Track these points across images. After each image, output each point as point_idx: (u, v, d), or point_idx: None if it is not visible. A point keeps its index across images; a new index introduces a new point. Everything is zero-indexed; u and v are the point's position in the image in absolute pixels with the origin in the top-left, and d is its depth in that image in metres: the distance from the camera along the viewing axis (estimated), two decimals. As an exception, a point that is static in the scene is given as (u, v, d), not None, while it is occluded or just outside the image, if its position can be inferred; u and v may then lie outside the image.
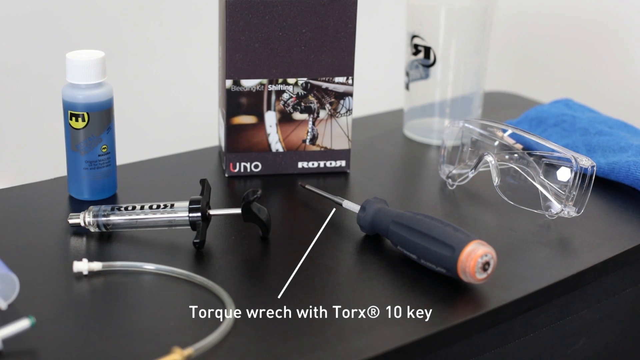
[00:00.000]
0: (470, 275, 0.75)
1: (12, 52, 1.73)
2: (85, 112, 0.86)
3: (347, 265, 0.81)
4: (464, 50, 1.03)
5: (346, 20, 0.91)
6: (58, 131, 1.83)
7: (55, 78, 1.73)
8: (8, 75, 1.76)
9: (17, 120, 1.80)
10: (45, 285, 0.76)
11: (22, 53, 1.72)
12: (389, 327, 0.71)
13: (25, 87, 1.76)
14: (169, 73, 1.50)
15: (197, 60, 1.40)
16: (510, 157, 0.91)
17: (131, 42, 1.54)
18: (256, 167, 0.96)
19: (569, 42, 1.35)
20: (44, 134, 1.78)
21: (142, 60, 1.55)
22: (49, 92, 1.74)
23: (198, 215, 0.80)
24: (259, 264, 0.80)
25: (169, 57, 1.51)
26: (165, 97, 1.43)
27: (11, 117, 1.80)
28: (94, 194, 0.89)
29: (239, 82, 0.92)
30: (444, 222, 0.78)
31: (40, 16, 1.67)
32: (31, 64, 1.73)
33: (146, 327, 0.71)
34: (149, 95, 1.41)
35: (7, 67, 1.76)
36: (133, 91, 1.30)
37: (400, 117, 1.11)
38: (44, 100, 1.75)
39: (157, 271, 0.77)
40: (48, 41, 1.65)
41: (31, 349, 0.67)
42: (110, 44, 1.27)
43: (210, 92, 1.07)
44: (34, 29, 1.70)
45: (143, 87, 1.37)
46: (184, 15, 1.51)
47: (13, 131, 1.82)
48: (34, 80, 1.76)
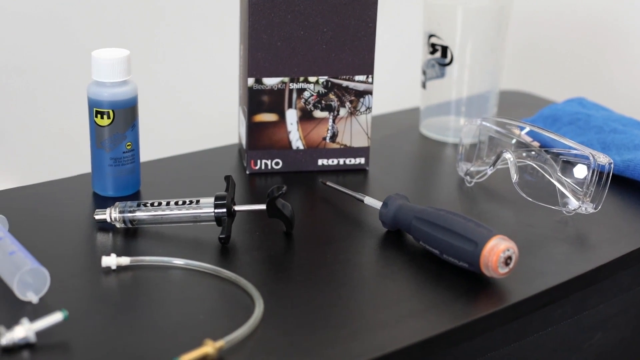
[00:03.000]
0: (493, 269, 0.76)
1: (35, 51, 1.74)
2: (111, 109, 0.87)
3: (371, 260, 0.83)
4: (480, 50, 1.04)
5: (367, 20, 0.93)
6: (79, 128, 1.84)
7: (79, 76, 1.75)
8: (33, 73, 1.77)
9: (40, 119, 1.81)
10: (74, 280, 0.77)
11: (45, 52, 1.74)
12: (414, 320, 0.72)
13: (47, 86, 1.78)
14: (189, 71, 1.51)
15: (217, 59, 1.41)
16: (527, 154, 0.93)
17: (152, 41, 1.55)
18: (277, 164, 0.97)
19: (579, 41, 1.36)
20: (65, 132, 1.80)
21: (163, 58, 1.56)
22: (72, 90, 1.75)
23: (223, 211, 0.82)
24: (284, 259, 0.82)
25: (190, 56, 1.53)
26: (185, 95, 1.45)
27: (34, 115, 1.81)
28: (118, 191, 0.90)
29: (261, 81, 0.93)
30: (466, 218, 0.79)
31: (63, 15, 1.69)
32: (55, 62, 1.74)
33: (176, 320, 0.72)
34: (169, 93, 1.42)
35: (31, 66, 1.77)
36: (153, 89, 1.31)
37: (416, 116, 1.13)
38: (66, 98, 1.77)
39: (186, 266, 0.78)
40: (71, 40, 1.66)
41: (63, 341, 0.68)
42: (132, 43, 1.28)
43: (231, 91, 1.08)
44: (56, 28, 1.71)
45: (163, 85, 1.39)
46: (205, 14, 1.52)
47: (36, 129, 1.83)
48: (58, 78, 1.77)
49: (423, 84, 1.08)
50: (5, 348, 0.67)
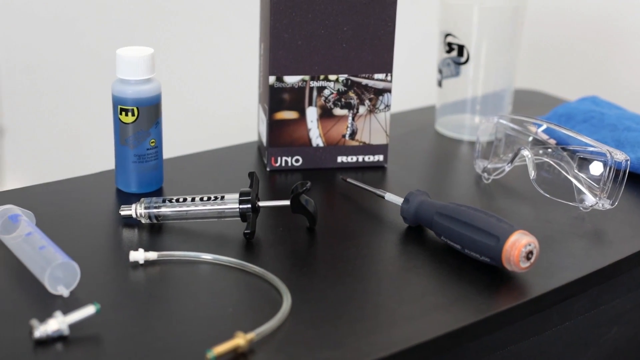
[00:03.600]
0: (515, 264, 0.78)
1: (57, 49, 1.76)
2: (135, 107, 0.88)
3: (393, 255, 0.84)
4: (495, 48, 1.06)
5: (386, 19, 0.94)
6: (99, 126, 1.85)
7: (101, 74, 1.76)
8: (60, 72, 1.78)
9: (64, 117, 1.83)
10: (102, 274, 0.78)
11: (66, 50, 1.75)
12: (439, 314, 0.74)
13: (70, 84, 1.79)
14: (208, 70, 1.53)
15: (237, 58, 1.43)
16: (544, 152, 0.94)
17: (171, 40, 1.56)
18: (297, 161, 0.98)
19: (589, 40, 1.37)
20: (82, 130, 1.81)
21: (182, 57, 1.57)
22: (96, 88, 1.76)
23: (248, 207, 0.83)
24: (308, 253, 0.83)
25: (209, 54, 1.54)
26: (204, 93, 1.46)
27: (57, 114, 1.83)
28: (141, 187, 0.92)
29: (282, 79, 0.95)
30: (488, 213, 0.81)
31: (90, 14, 1.70)
32: (80, 60, 1.75)
33: (205, 313, 0.73)
34: (187, 91, 1.43)
35: (57, 64, 1.78)
36: (171, 88, 1.33)
37: (431, 114, 1.14)
38: (90, 97, 1.78)
39: (214, 261, 0.79)
40: (97, 39, 1.68)
41: (95, 334, 0.70)
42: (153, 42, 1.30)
43: (250, 89, 1.09)
44: (83, 27, 1.73)
45: (182, 83, 1.40)
46: (224, 13, 1.54)
47: (57, 126, 1.85)
48: (81, 77, 1.78)
49: (439, 82, 1.09)
50: (39, 340, 0.68)
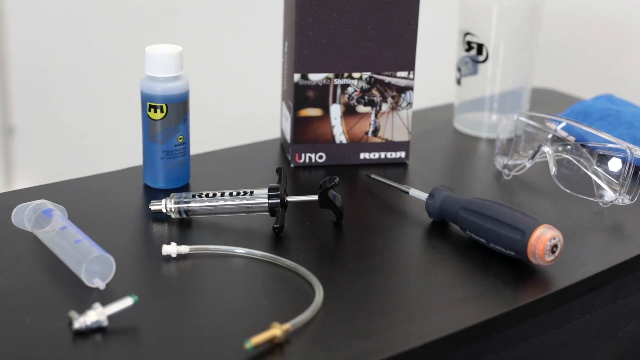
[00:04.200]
0: (540, 257, 0.79)
1: (68, 49, 1.77)
2: (164, 103, 0.90)
3: (419, 249, 0.86)
4: (513, 47, 1.07)
5: (409, 17, 0.96)
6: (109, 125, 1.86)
7: (111, 73, 1.78)
8: (70, 72, 1.80)
9: (73, 116, 1.84)
10: (135, 267, 0.80)
11: (76, 50, 1.76)
12: (467, 305, 0.76)
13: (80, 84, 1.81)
14: (231, 68, 1.54)
15: (260, 56, 1.44)
16: (563, 148, 0.96)
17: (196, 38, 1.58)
18: (320, 157, 1.00)
19: (601, 39, 1.39)
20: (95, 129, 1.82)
21: (205, 55, 1.58)
22: (106, 88, 1.78)
23: (277, 202, 0.85)
24: (336, 247, 0.85)
25: (232, 53, 1.56)
26: (226, 91, 1.47)
27: (67, 113, 1.84)
28: (169, 183, 0.93)
29: (307, 76, 0.96)
30: (512, 208, 0.82)
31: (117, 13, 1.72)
32: (90, 60, 1.77)
33: (239, 305, 0.75)
34: (209, 89, 1.45)
35: (67, 64, 1.80)
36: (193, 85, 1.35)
37: (449, 112, 1.16)
38: (100, 96, 1.80)
39: (247, 255, 0.81)
40: (107, 39, 1.69)
41: (133, 325, 0.71)
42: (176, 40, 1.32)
43: (272, 87, 1.11)
44: (94, 27, 1.74)
45: (204, 81, 1.42)
46: (248, 12, 1.55)
47: (67, 126, 1.86)
48: (91, 77, 1.80)
49: (458, 80, 1.11)
50: (78, 331, 0.70)
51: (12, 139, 1.91)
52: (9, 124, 1.90)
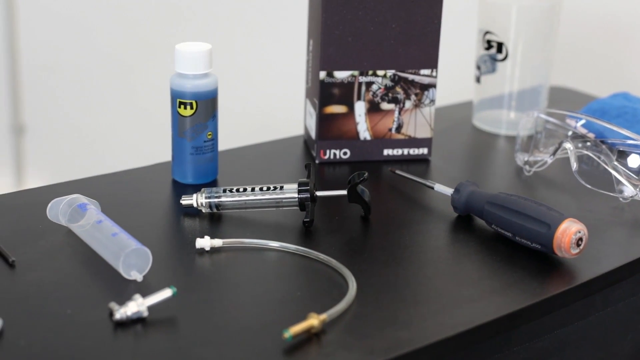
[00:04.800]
0: (565, 250, 0.81)
1: (79, 49, 1.79)
2: (194, 100, 0.92)
3: (446, 242, 0.88)
4: (532, 46, 1.09)
5: (432, 16, 0.97)
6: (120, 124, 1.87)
7: (122, 73, 1.79)
8: (81, 71, 1.81)
9: (84, 115, 1.85)
10: (170, 260, 0.82)
11: (87, 50, 1.78)
12: (497, 296, 0.77)
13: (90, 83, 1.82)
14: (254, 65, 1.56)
15: (283, 54, 1.45)
16: (583, 145, 0.98)
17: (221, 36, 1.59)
18: (345, 154, 1.02)
19: (614, 37, 1.41)
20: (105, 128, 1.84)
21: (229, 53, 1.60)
22: (117, 87, 1.79)
23: (307, 196, 0.86)
24: (365, 241, 0.87)
25: (256, 50, 1.57)
26: (249, 88, 1.49)
27: (78, 113, 1.85)
28: (197, 178, 0.95)
29: (332, 74, 0.98)
30: (538, 202, 0.84)
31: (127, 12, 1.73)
32: (100, 60, 1.78)
33: (274, 297, 0.77)
34: (234, 86, 1.47)
35: (78, 64, 1.81)
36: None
37: (467, 109, 1.18)
38: (111, 96, 1.81)
39: (280, 248, 0.83)
40: (134, 37, 1.71)
41: (171, 316, 0.73)
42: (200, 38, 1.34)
43: (295, 84, 1.13)
44: (104, 28, 1.76)
45: (228, 78, 1.44)
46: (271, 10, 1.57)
47: (77, 125, 1.87)
48: (101, 76, 1.81)
49: (477, 78, 1.13)
50: (119, 322, 0.71)
51: (22, 137, 1.92)
52: (19, 122, 1.91)
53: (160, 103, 1.80)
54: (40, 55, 1.88)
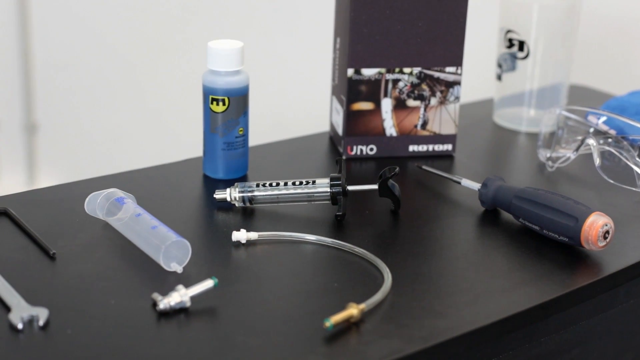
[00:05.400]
0: (593, 243, 0.83)
1: (107, 46, 1.80)
2: (226, 96, 0.94)
3: (475, 236, 0.90)
4: (553, 44, 1.12)
5: (457, 15, 1.00)
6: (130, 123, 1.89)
7: (132, 73, 1.80)
8: (94, 71, 1.82)
9: (96, 114, 1.87)
10: (207, 253, 0.83)
11: (117, 46, 1.79)
12: (528, 287, 0.80)
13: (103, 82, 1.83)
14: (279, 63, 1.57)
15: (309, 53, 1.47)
16: (604, 141, 1.00)
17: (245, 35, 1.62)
18: (371, 150, 1.04)
19: (630, 36, 1.43)
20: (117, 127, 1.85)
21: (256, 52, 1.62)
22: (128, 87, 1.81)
23: (339, 190, 0.88)
24: (396, 234, 0.89)
25: (279, 50, 1.59)
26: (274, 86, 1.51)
27: (90, 111, 1.87)
28: (228, 173, 0.97)
29: (360, 71, 1.00)
30: (565, 196, 0.86)
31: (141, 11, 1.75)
32: (112, 60, 1.80)
33: (312, 288, 0.79)
34: (259, 83, 1.49)
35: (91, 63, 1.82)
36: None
37: (487, 106, 1.20)
38: (122, 95, 1.82)
39: (317, 241, 0.85)
40: (166, 34, 1.72)
41: (213, 306, 0.75)
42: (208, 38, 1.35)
43: (320, 82, 1.15)
44: (117, 28, 1.77)
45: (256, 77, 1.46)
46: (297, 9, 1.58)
47: (90, 123, 1.89)
48: (113, 76, 1.83)
49: (498, 76, 1.15)
50: (162, 312, 0.73)
51: (35, 135, 1.94)
52: (32, 121, 1.92)
53: (172, 102, 1.83)
54: (52, 54, 1.90)
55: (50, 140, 1.96)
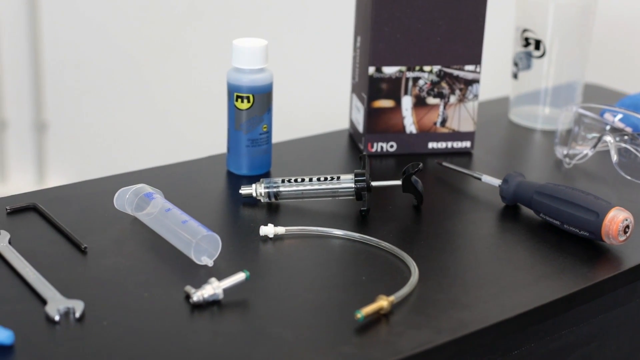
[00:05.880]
0: (613, 237, 0.85)
1: (116, 45, 1.81)
2: (250, 94, 0.95)
3: (497, 230, 0.92)
4: (568, 43, 1.13)
5: (477, 14, 1.01)
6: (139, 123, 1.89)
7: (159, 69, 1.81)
8: (105, 71, 1.84)
9: (106, 114, 1.88)
10: (236, 247, 0.85)
11: (126, 46, 1.80)
12: (550, 281, 0.81)
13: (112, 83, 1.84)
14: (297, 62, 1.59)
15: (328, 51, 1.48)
16: (620, 138, 1.02)
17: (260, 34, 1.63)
18: (391, 147, 1.05)
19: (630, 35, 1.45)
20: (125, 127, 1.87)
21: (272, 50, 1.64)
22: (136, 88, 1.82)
23: (364, 186, 0.90)
24: (420, 229, 0.90)
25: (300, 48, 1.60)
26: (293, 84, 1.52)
27: (99, 111, 1.88)
28: (252, 170, 0.98)
29: (381, 69, 1.02)
30: (585, 192, 0.88)
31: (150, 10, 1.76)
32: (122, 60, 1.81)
33: (341, 281, 0.81)
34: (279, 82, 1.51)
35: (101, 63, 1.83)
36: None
37: (503, 104, 1.22)
38: (131, 95, 1.84)
39: (344, 236, 0.86)
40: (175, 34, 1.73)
41: (244, 299, 0.76)
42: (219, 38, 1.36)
43: (340, 80, 1.16)
44: (143, 24, 1.78)
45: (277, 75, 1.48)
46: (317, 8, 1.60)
47: (99, 123, 1.90)
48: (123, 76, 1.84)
49: (514, 74, 1.16)
50: (196, 304, 0.75)
51: (45, 134, 1.95)
52: (42, 119, 1.94)
53: (181, 102, 1.84)
54: (62, 53, 1.91)
55: (59, 138, 1.97)
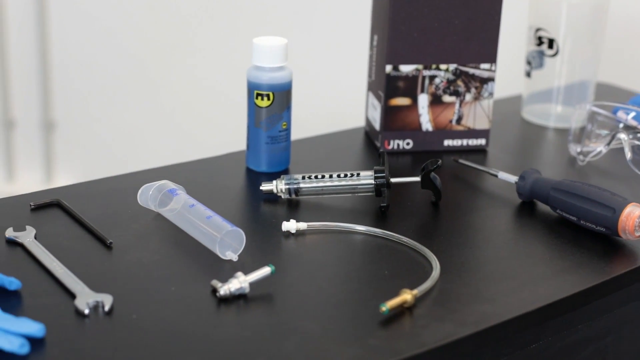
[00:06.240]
0: (630, 232, 0.86)
1: (124, 45, 1.82)
2: (270, 92, 0.96)
3: (515, 226, 0.93)
4: (581, 42, 1.15)
5: (492, 13, 1.03)
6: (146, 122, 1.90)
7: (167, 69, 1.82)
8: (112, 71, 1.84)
9: (113, 113, 1.89)
10: (259, 242, 0.86)
11: (134, 45, 1.81)
12: (569, 275, 0.83)
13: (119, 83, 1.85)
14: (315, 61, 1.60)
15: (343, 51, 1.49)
16: (634, 136, 1.03)
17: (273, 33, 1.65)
18: (408, 144, 1.07)
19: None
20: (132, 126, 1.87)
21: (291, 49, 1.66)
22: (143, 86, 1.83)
23: (384, 182, 0.91)
24: (438, 224, 0.92)
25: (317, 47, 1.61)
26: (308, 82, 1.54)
27: (107, 110, 1.89)
28: (271, 167, 1.00)
29: (398, 68, 1.03)
30: (601, 188, 0.89)
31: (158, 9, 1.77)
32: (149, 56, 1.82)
33: (363, 275, 0.82)
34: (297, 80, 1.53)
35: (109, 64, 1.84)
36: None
37: (516, 102, 1.24)
38: (138, 94, 1.84)
39: (366, 232, 0.88)
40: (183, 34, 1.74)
41: (269, 293, 0.78)
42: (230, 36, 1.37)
43: (356, 79, 1.17)
44: (150, 23, 1.79)
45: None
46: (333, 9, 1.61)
47: (106, 122, 1.91)
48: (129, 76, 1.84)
49: (528, 73, 1.18)
50: (222, 298, 0.76)
51: (53, 133, 1.96)
52: (50, 118, 1.95)
53: (189, 101, 1.85)
54: (70, 53, 1.92)
55: (67, 138, 1.98)
